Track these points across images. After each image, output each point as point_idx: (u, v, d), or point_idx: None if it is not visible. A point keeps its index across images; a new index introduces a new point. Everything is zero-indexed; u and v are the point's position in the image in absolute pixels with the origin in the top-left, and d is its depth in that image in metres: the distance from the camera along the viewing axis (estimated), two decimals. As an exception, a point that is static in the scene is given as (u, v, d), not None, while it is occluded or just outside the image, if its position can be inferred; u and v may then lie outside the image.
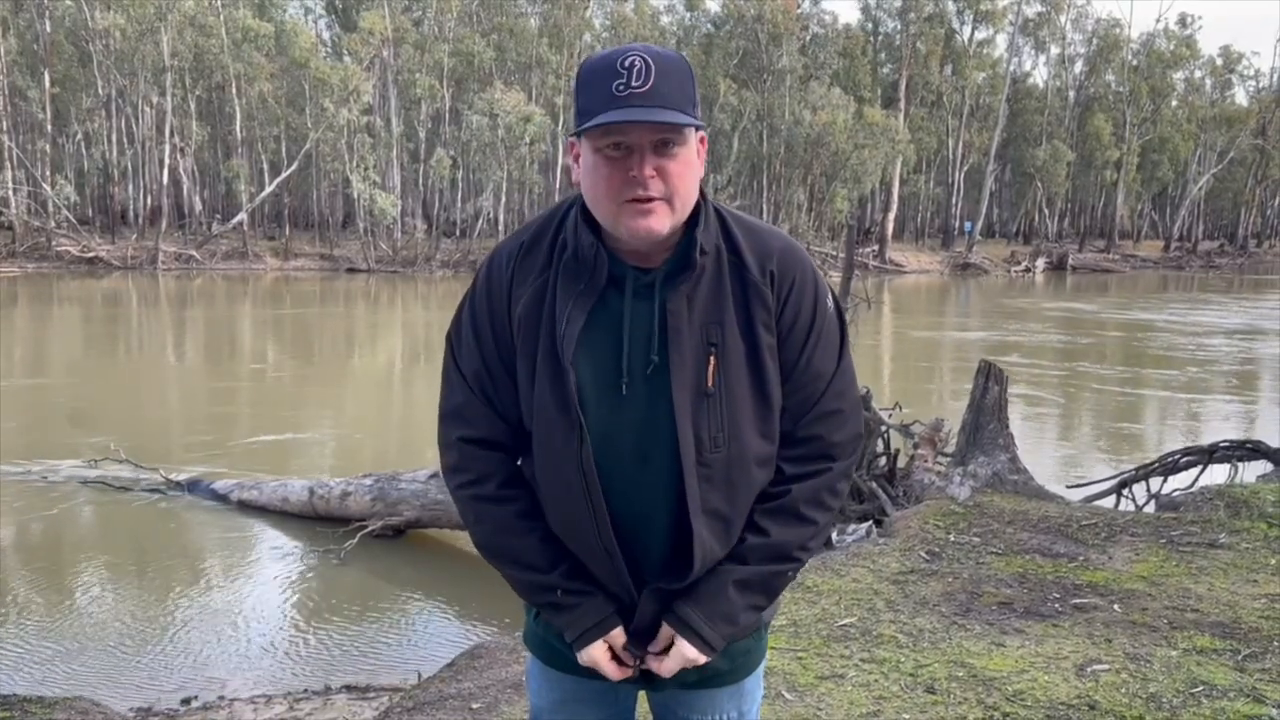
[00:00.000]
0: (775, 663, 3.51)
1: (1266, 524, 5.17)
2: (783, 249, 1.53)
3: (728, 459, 1.49)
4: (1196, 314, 28.40)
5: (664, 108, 1.38)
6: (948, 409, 9.20)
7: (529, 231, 1.55)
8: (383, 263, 37.83)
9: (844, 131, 41.84)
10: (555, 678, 1.69)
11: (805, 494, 1.54)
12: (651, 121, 1.38)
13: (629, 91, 1.37)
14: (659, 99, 1.38)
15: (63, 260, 33.59)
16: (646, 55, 1.39)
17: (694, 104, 1.43)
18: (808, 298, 1.52)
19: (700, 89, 4.28)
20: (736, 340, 1.47)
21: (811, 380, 1.53)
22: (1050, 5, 54.38)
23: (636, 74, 1.37)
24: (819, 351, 1.53)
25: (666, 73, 1.39)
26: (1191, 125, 58.17)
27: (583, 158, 1.45)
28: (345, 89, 35.98)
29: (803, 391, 1.53)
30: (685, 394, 1.46)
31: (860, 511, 6.00)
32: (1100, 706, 3.14)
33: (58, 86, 36.82)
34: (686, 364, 1.46)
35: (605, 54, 1.42)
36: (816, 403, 1.54)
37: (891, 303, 30.01)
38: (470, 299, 1.56)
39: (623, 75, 1.38)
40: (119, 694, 4.83)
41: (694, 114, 1.43)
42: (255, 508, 7.79)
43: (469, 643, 5.04)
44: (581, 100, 1.42)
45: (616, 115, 1.37)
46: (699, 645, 1.52)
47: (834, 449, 1.56)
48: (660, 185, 1.41)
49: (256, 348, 19.29)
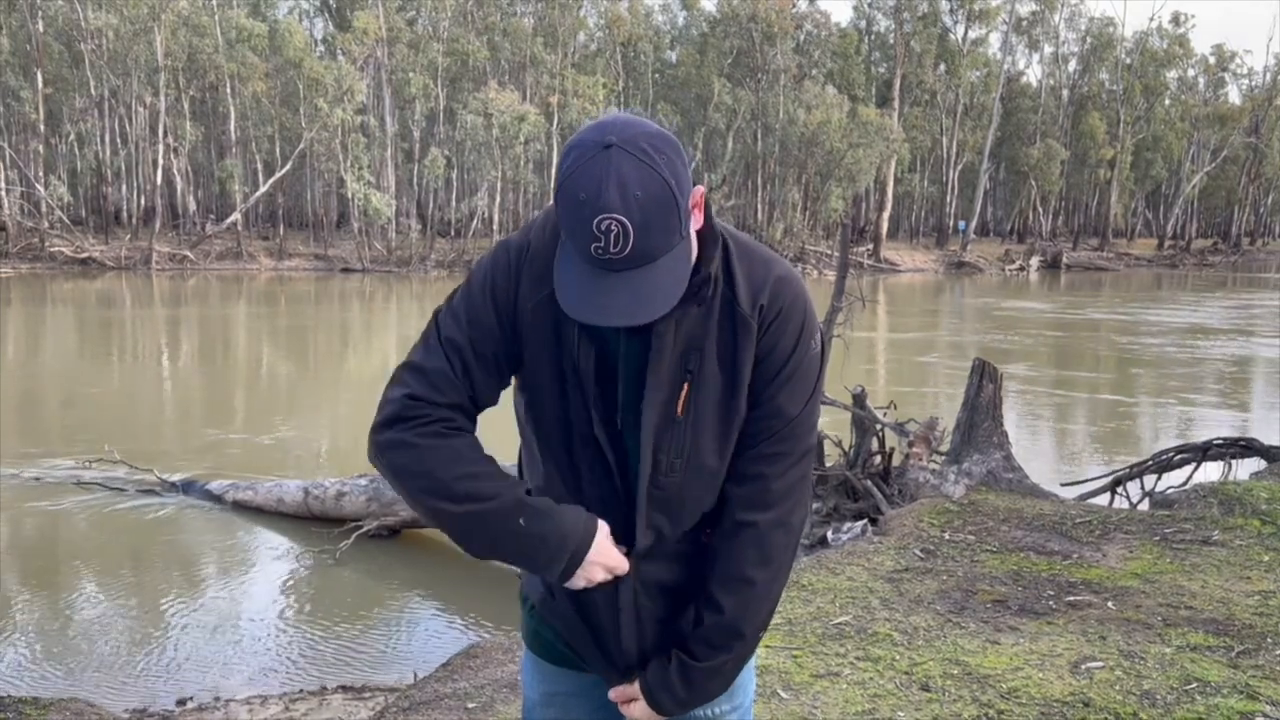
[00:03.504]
0: (770, 661, 3.52)
1: (1260, 521, 5.19)
2: (778, 279, 1.49)
3: (681, 482, 1.49)
4: (1189, 313, 28.47)
5: (650, 261, 1.32)
6: (942, 408, 9.21)
7: (538, 237, 1.48)
8: (377, 262, 37.79)
9: (838, 130, 41.88)
10: (547, 671, 1.68)
11: (747, 543, 1.51)
12: (631, 323, 1.33)
13: (607, 257, 1.30)
14: (640, 258, 1.31)
15: (56, 261, 33.50)
16: (623, 217, 1.27)
17: (681, 228, 1.34)
18: (789, 334, 1.48)
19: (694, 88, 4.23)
20: (714, 370, 1.45)
21: (771, 415, 1.49)
22: (1043, 4, 54.53)
23: (615, 240, 1.29)
24: (788, 390, 1.49)
25: (648, 225, 1.29)
26: (1185, 124, 58.36)
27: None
28: (339, 88, 35.93)
29: (760, 423, 1.50)
30: (653, 418, 1.45)
31: (855, 510, 6.01)
32: (1094, 704, 3.15)
33: (50, 87, 36.72)
34: (662, 389, 1.44)
35: (578, 187, 1.29)
36: (768, 438, 1.50)
37: (886, 301, 30.05)
38: (469, 284, 1.50)
39: (600, 240, 1.29)
40: (114, 695, 4.83)
41: (680, 239, 1.35)
42: (250, 508, 7.78)
43: (465, 642, 5.05)
44: (562, 219, 1.34)
45: (595, 313, 1.33)
46: (654, 709, 1.55)
47: (769, 496, 1.51)
48: None
49: (251, 348, 19.25)
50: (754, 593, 1.51)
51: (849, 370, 13.45)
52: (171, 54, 36.04)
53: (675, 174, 1.32)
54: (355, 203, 37.06)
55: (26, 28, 36.07)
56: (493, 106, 36.52)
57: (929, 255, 48.97)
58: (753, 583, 1.50)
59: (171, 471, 8.51)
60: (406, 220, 40.55)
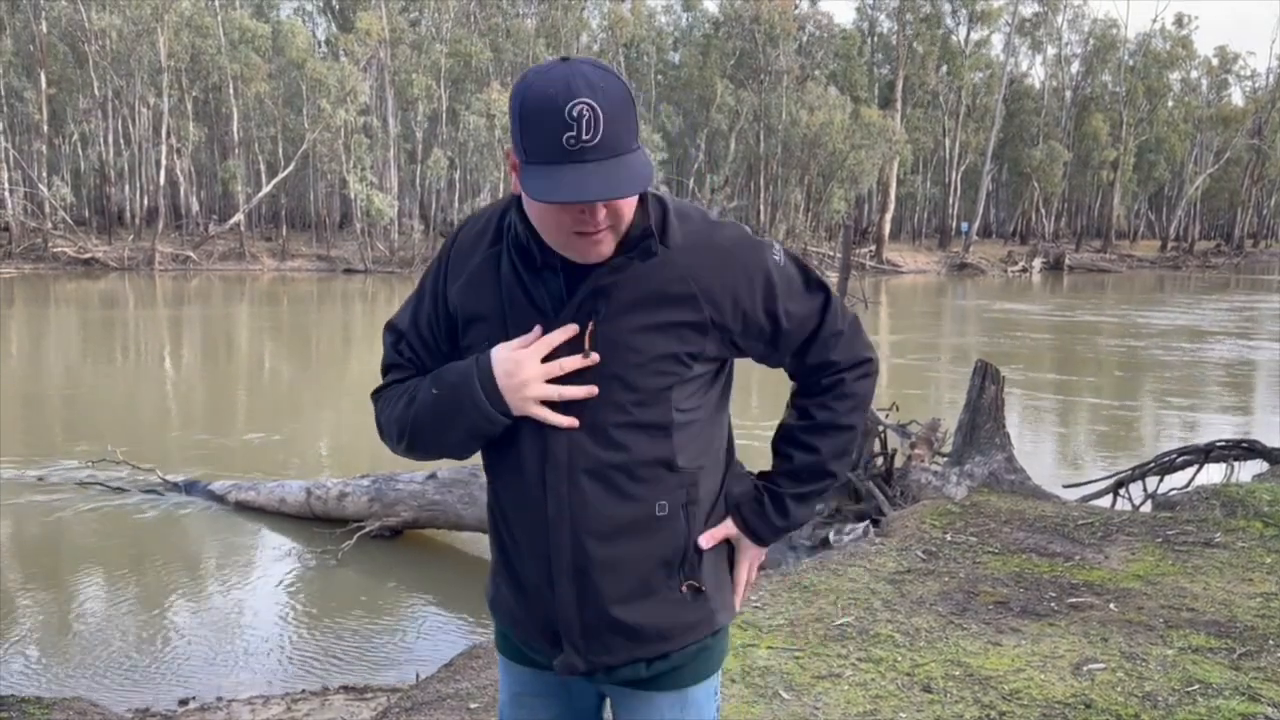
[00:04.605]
0: (772, 662, 3.52)
1: (1262, 523, 5.19)
2: (711, 225, 1.54)
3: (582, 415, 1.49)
4: (1191, 315, 28.45)
5: (617, 155, 1.34)
6: (944, 409, 9.21)
7: (482, 217, 1.61)
8: (380, 263, 37.81)
9: (841, 132, 41.86)
10: (513, 671, 1.70)
11: (828, 404, 1.63)
12: (614, 197, 1.35)
13: (580, 145, 1.32)
14: (610, 148, 1.33)
15: (59, 261, 33.55)
16: (593, 102, 1.31)
17: (637, 131, 1.39)
18: (738, 275, 1.51)
19: (697, 89, 4.28)
20: (621, 315, 1.46)
21: (797, 328, 1.58)
22: (1046, 5, 54.47)
23: (587, 126, 1.31)
24: (787, 306, 1.56)
25: (614, 116, 1.33)
26: (1188, 125, 58.30)
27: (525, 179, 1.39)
28: (342, 89, 35.96)
29: (793, 338, 1.59)
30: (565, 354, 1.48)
31: (857, 511, 6.00)
32: (1096, 705, 3.15)
33: (54, 87, 36.77)
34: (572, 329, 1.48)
35: (545, 86, 1.33)
36: (811, 337, 1.60)
37: (888, 303, 30.04)
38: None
39: (572, 127, 1.31)
40: (117, 694, 4.83)
41: (637, 142, 1.38)
42: (252, 509, 7.79)
43: (466, 642, 5.05)
44: (526, 140, 1.35)
45: (574, 192, 1.33)
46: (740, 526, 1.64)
47: (841, 363, 1.62)
48: (609, 217, 1.40)
49: (253, 348, 19.28)
50: (848, 436, 1.65)
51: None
52: (175, 55, 36.08)
53: (628, 86, 1.39)
54: (358, 203, 37.08)
55: (30, 28, 36.12)
56: (495, 107, 36.53)
57: (931, 257, 48.94)
58: (847, 428, 1.64)
59: (174, 472, 8.52)
60: (409, 221, 40.58)
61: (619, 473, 1.48)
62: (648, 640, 1.55)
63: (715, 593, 1.61)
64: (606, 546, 1.50)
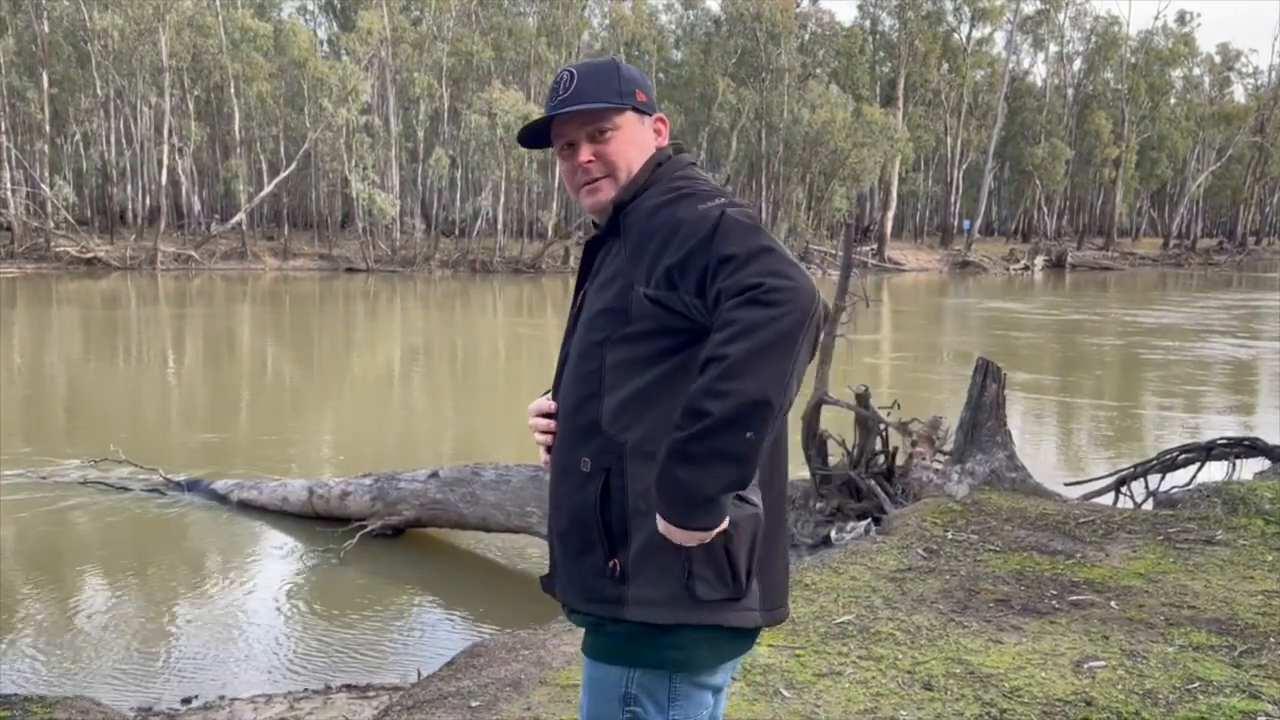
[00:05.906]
0: (773, 660, 3.53)
1: (1264, 521, 5.18)
2: (653, 209, 1.62)
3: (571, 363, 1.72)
4: (1193, 313, 28.42)
5: (584, 103, 1.66)
6: (945, 407, 9.21)
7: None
8: (381, 262, 37.82)
9: (842, 130, 41.84)
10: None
11: (711, 339, 1.46)
12: (563, 113, 1.67)
13: (557, 100, 1.69)
14: (580, 98, 1.67)
15: (61, 261, 33.59)
16: (573, 68, 1.70)
17: (622, 94, 1.68)
18: (660, 228, 1.57)
19: (698, 88, 4.36)
20: (611, 274, 1.66)
21: (715, 269, 1.47)
22: (1048, 3, 54.42)
23: (563, 86, 1.69)
24: (694, 242, 1.50)
25: (588, 76, 1.69)
26: (1190, 123, 58.25)
27: None
28: (344, 89, 35.97)
29: (692, 275, 1.49)
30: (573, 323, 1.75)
31: (858, 509, 6.01)
32: (1097, 703, 3.16)
33: (56, 87, 36.79)
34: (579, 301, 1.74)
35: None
36: (705, 266, 1.48)
37: (890, 301, 30.02)
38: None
39: (554, 89, 1.70)
40: (119, 693, 4.84)
41: (622, 101, 1.68)
42: (255, 508, 7.80)
43: (468, 641, 5.05)
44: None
45: (539, 119, 1.71)
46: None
47: (727, 289, 1.45)
48: (601, 166, 1.69)
49: (255, 348, 19.29)
50: (720, 367, 1.43)
51: (852, 370, 13.45)
52: (176, 54, 36.11)
53: (620, 64, 1.73)
54: (360, 203, 37.09)
55: (32, 28, 36.16)
56: (497, 106, 36.52)
57: (933, 255, 48.92)
58: (718, 359, 1.43)
59: (176, 471, 8.53)
60: (411, 220, 40.60)
61: (566, 420, 1.70)
62: (568, 590, 1.69)
63: (639, 585, 1.56)
64: (555, 486, 1.72)
